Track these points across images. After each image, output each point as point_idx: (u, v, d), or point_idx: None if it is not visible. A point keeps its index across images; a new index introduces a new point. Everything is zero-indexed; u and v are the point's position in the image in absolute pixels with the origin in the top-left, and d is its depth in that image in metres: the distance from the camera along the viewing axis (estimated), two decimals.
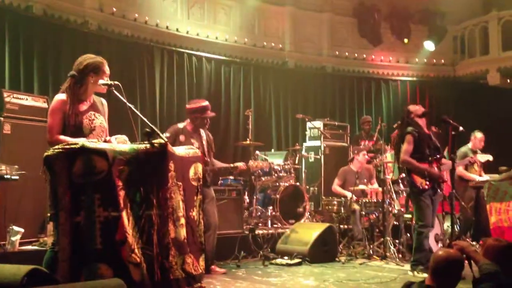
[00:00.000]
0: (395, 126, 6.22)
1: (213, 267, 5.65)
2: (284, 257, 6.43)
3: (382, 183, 7.03)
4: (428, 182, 5.60)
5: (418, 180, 5.61)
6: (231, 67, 10.13)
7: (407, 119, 5.85)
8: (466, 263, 3.16)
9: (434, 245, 6.09)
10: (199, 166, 3.97)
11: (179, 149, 3.92)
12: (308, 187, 8.61)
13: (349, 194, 7.36)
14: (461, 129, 5.52)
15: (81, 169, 3.15)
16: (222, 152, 9.33)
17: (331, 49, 11.75)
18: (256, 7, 10.70)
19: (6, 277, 2.51)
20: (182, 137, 5.51)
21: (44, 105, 5.59)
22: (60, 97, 3.74)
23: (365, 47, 11.97)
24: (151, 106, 8.80)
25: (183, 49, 9.55)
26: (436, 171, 5.68)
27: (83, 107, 3.78)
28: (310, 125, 9.13)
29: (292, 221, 7.70)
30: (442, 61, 12.55)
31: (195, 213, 3.84)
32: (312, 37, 11.64)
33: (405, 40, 11.83)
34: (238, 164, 5.84)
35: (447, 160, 6.22)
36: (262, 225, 7.66)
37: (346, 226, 7.37)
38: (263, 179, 7.88)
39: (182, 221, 3.61)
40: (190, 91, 9.32)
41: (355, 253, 6.78)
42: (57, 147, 3.24)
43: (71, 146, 3.20)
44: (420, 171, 5.62)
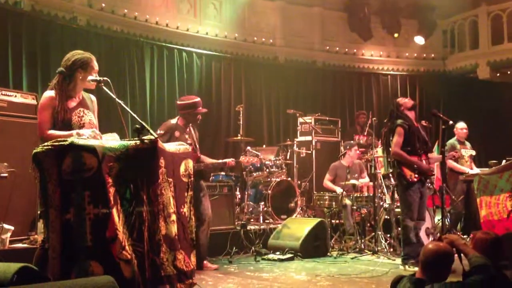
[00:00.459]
0: (386, 121, 6.22)
1: (205, 262, 5.66)
2: (276, 253, 6.45)
3: (373, 177, 7.06)
4: (417, 175, 5.63)
5: (407, 172, 5.64)
6: (221, 62, 10.08)
7: (397, 112, 5.86)
8: (456, 256, 3.18)
9: (425, 239, 6.13)
10: (190, 162, 3.95)
11: (170, 146, 3.90)
12: (299, 182, 8.60)
13: (339, 190, 7.38)
14: (451, 122, 5.56)
15: (70, 166, 3.13)
16: (213, 147, 9.32)
17: (321, 43, 11.75)
18: (246, 1, 10.66)
19: None
20: (178, 133, 5.49)
21: (33, 102, 5.54)
22: (49, 93, 3.72)
23: (356, 41, 11.97)
24: (141, 102, 8.72)
25: (173, 44, 9.48)
26: (425, 164, 5.72)
27: (72, 103, 3.76)
28: (301, 120, 9.13)
29: (284, 216, 7.72)
30: (432, 55, 12.60)
31: (186, 209, 3.83)
32: (303, 31, 11.61)
33: (395, 35, 11.84)
34: (227, 160, 5.82)
35: (435, 155, 6.25)
36: (254, 220, 7.68)
37: (338, 221, 7.41)
38: (254, 174, 7.89)
39: (173, 217, 3.59)
40: (181, 86, 9.24)
41: (346, 248, 6.81)
42: (46, 144, 3.21)
43: (60, 143, 3.17)
44: (410, 164, 5.64)
